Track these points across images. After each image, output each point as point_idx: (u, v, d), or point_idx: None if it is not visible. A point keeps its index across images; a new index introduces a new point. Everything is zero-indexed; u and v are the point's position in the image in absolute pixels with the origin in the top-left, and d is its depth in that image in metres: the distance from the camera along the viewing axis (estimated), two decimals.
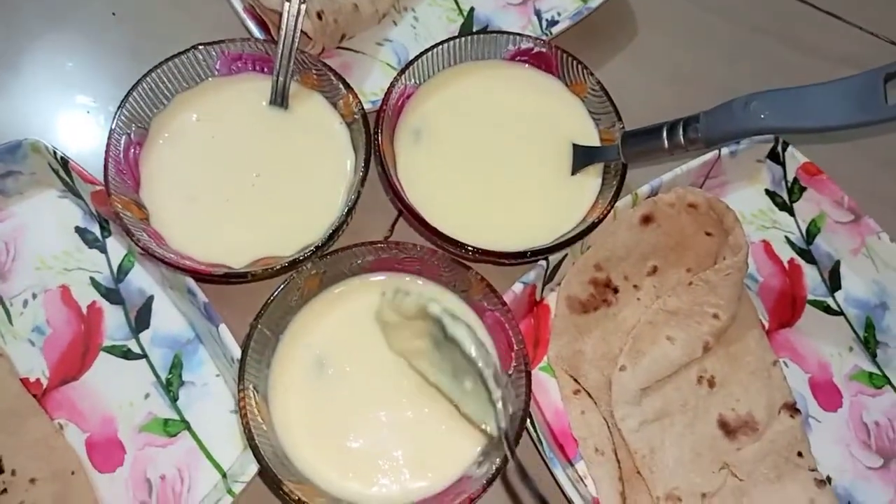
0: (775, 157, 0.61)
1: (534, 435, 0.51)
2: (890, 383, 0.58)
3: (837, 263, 0.61)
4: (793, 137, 0.60)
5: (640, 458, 0.52)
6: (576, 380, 0.55)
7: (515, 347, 0.50)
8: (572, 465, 0.54)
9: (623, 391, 0.53)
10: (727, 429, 0.53)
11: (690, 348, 0.53)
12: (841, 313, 0.60)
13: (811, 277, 0.61)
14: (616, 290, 0.57)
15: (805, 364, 0.58)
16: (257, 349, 0.50)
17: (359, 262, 0.53)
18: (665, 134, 0.52)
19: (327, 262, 0.51)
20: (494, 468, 0.47)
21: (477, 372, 0.44)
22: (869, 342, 0.59)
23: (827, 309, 0.60)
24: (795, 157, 0.60)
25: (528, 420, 0.50)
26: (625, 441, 0.52)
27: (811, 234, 0.61)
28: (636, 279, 0.58)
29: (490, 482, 0.46)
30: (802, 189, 0.61)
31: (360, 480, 0.49)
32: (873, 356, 0.58)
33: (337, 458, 0.49)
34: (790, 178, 0.61)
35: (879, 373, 0.58)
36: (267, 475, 0.46)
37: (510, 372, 0.51)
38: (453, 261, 0.52)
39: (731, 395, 0.54)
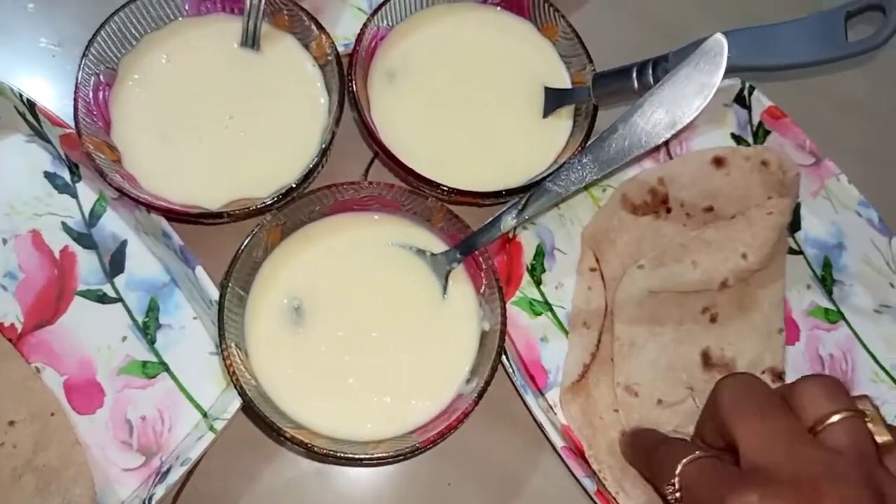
0: (741, 100, 0.62)
1: (506, 365, 0.53)
2: (844, 318, 0.61)
3: (798, 205, 0.62)
4: (759, 81, 0.62)
5: (619, 345, 0.54)
6: (598, 260, 0.58)
7: (483, 266, 0.52)
8: (542, 394, 0.56)
9: (632, 284, 0.55)
10: (707, 361, 0.55)
11: (708, 278, 0.55)
12: (800, 252, 0.62)
13: None
14: (669, 210, 0.59)
15: None
16: (232, 308, 0.50)
17: (317, 208, 0.53)
18: (635, 74, 0.53)
19: (286, 212, 0.51)
20: (483, 381, 0.48)
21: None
22: (826, 280, 0.61)
23: (788, 249, 0.62)
24: (761, 101, 0.61)
25: (503, 353, 0.51)
26: (613, 328, 0.55)
27: None
28: (691, 209, 0.59)
29: (481, 395, 0.48)
30: (767, 133, 0.62)
31: (356, 419, 0.50)
32: (829, 293, 0.61)
33: (329, 401, 0.50)
34: (755, 121, 0.62)
35: (835, 309, 0.61)
36: (266, 424, 0.47)
37: (482, 290, 0.53)
38: (411, 192, 0.52)
39: (726, 336, 0.56)
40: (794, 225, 0.62)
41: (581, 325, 0.56)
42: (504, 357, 0.52)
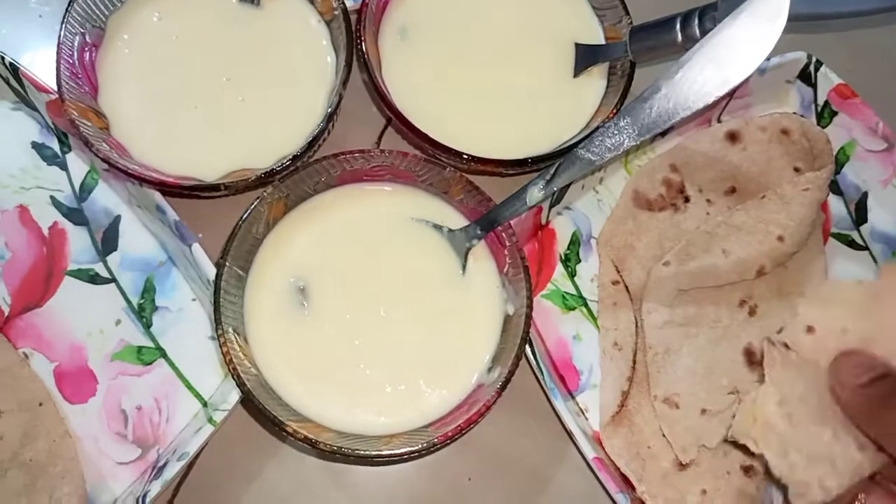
0: (806, 77, 0.55)
1: (534, 364, 0.48)
2: None
3: (865, 195, 0.55)
4: (826, 55, 0.54)
5: (653, 354, 0.50)
6: (619, 271, 0.53)
7: (507, 243, 0.47)
8: (573, 397, 0.51)
9: (659, 286, 0.50)
10: (751, 358, 0.50)
11: (743, 267, 0.49)
12: (866, 248, 0.55)
13: (836, 209, 0.56)
14: (687, 199, 0.54)
15: None
16: (230, 289, 0.45)
17: (323, 178, 0.48)
18: (678, 26, 0.47)
19: (289, 183, 0.47)
20: (507, 370, 0.44)
21: None
22: None
23: (851, 243, 0.55)
24: (829, 78, 0.54)
25: (530, 348, 0.47)
26: (644, 335, 0.50)
27: (839, 162, 0.56)
28: (711, 195, 0.54)
29: (504, 385, 0.44)
30: (833, 113, 0.55)
31: (367, 411, 0.46)
32: None
33: (338, 392, 0.46)
34: (821, 101, 0.55)
35: None
36: (267, 418, 0.43)
37: (505, 270, 0.48)
38: (427, 161, 0.47)
39: (769, 329, 0.50)
40: (860, 217, 0.56)
41: (612, 346, 0.51)
42: (532, 355, 0.48)
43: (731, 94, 0.53)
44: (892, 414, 0.36)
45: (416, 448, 0.43)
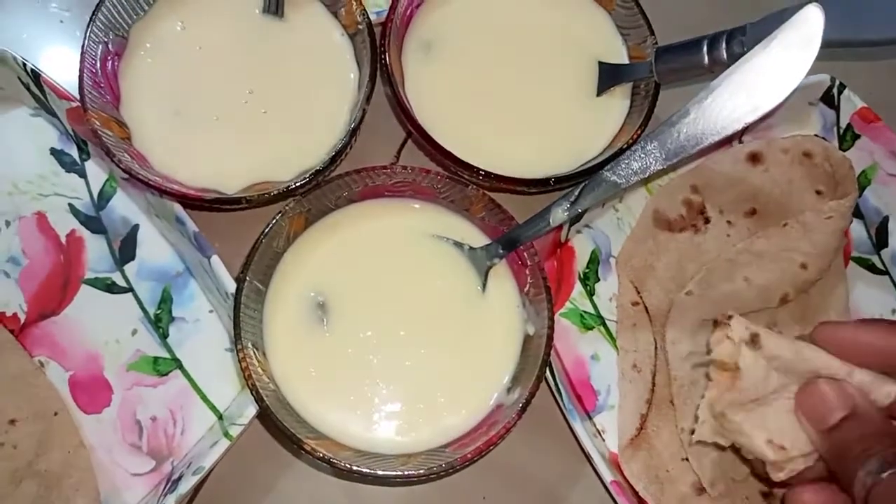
0: (829, 100, 0.54)
1: (552, 384, 0.48)
2: None
3: (886, 219, 0.54)
4: (849, 78, 0.54)
5: (678, 386, 0.49)
6: (638, 292, 0.52)
7: (529, 263, 0.47)
8: (590, 417, 0.51)
9: (682, 316, 0.50)
10: None
11: (766, 295, 0.49)
12: (886, 273, 0.54)
13: (857, 233, 0.55)
14: (708, 220, 0.54)
15: None
16: (249, 304, 0.45)
17: (345, 193, 0.48)
18: (705, 48, 0.47)
19: (311, 198, 0.47)
20: (528, 392, 0.44)
21: None
22: None
23: (871, 268, 0.55)
24: (852, 101, 0.53)
25: (548, 367, 0.47)
26: (668, 366, 0.50)
27: (860, 186, 0.54)
28: (732, 216, 0.54)
29: (525, 407, 0.43)
30: (856, 137, 0.54)
31: (385, 430, 0.46)
32: None
33: (357, 409, 0.46)
34: (843, 124, 0.54)
35: None
36: (286, 435, 0.42)
37: (526, 290, 0.48)
38: (449, 178, 0.47)
39: None
40: (881, 241, 0.55)
41: (631, 368, 0.51)
42: (550, 374, 0.47)
43: None
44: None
45: (435, 469, 0.43)
